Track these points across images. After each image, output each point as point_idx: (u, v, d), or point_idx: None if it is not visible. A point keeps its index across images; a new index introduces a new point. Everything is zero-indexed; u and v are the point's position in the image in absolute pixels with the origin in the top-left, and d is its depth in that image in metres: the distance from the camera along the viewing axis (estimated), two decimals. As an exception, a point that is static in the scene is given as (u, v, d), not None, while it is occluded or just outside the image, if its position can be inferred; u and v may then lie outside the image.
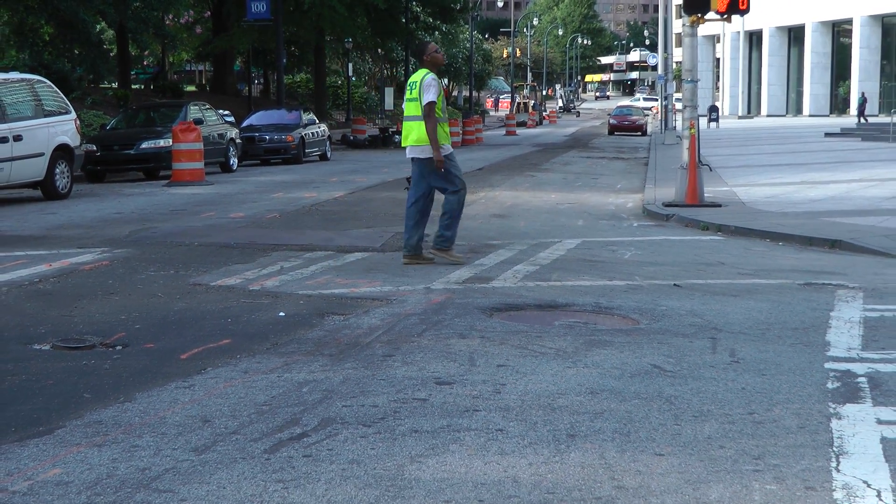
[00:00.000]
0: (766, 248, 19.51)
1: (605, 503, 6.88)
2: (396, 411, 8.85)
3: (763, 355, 11.00)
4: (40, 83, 29.13)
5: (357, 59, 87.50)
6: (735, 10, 26.05)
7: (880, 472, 7.53)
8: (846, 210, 24.46)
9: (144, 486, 7.11)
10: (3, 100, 26.44)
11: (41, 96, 28.17)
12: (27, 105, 27.41)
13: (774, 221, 22.15)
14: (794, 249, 19.34)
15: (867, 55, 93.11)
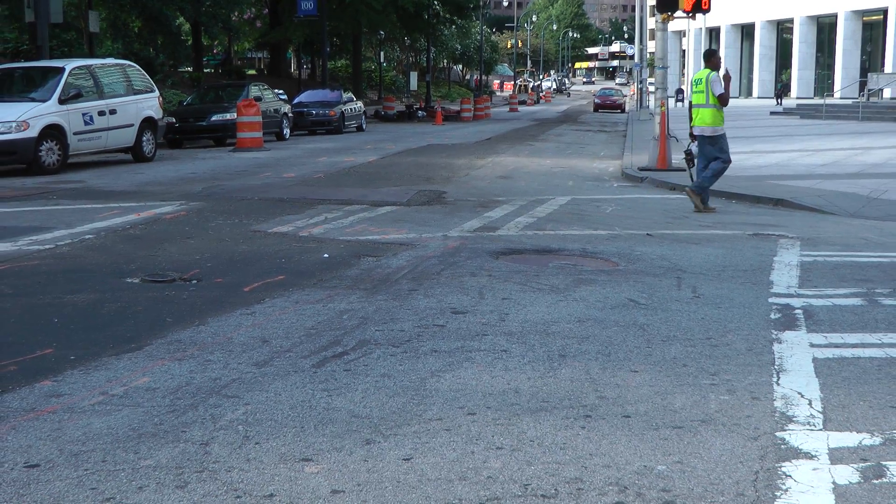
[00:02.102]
0: (722, 204, 19.47)
1: (590, 410, 6.92)
2: (419, 335, 8.91)
3: (719, 291, 11.01)
4: (130, 67, 29.17)
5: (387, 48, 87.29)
6: (698, 10, 26.06)
7: (812, 385, 7.59)
8: (787, 174, 24.42)
9: (216, 393, 7.18)
10: (101, 80, 26.53)
11: (131, 78, 28.20)
12: (120, 85, 27.44)
13: (729, 183, 22.07)
14: (745, 206, 19.34)
15: (805, 48, 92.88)
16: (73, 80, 25.37)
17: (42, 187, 21.12)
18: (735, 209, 18.81)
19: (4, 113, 23.70)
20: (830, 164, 27.33)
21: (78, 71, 26.00)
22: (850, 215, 17.74)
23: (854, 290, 11.23)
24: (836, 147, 32.85)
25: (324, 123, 43.80)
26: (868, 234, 15.53)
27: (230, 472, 5.73)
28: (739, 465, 5.98)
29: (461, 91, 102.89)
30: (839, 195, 20.10)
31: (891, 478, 5.85)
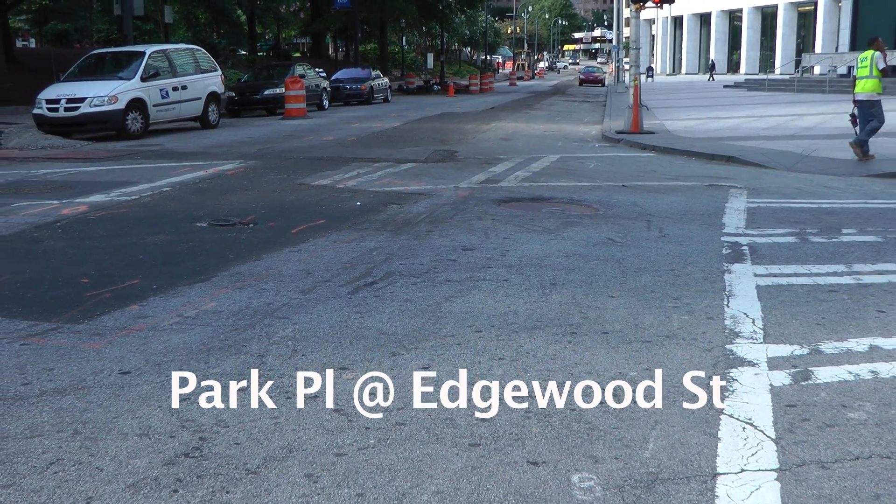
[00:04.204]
0: (684, 161, 19.39)
1: (576, 327, 6.92)
2: (435, 267, 8.89)
3: (681, 232, 10.97)
4: (198, 50, 29.09)
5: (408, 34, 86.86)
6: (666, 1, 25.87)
7: (755, 307, 7.58)
8: (737, 136, 24.26)
9: (269, 314, 7.19)
10: (174, 62, 26.53)
11: (199, 59, 28.15)
12: (190, 65, 27.38)
13: (689, 143, 21.98)
14: (702, 162, 19.21)
15: (751, 34, 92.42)
16: (152, 61, 25.45)
17: (128, 149, 21.13)
18: (694, 164, 18.71)
19: (98, 89, 23.86)
20: (772, 127, 27.16)
21: (156, 54, 26.06)
22: (787, 169, 17.65)
23: (789, 230, 11.19)
24: (776, 114, 32.64)
25: (356, 96, 43.63)
26: (801, 185, 15.46)
27: (282, 378, 5.76)
28: (696, 371, 5.99)
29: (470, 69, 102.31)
30: (778, 153, 19.99)
31: (815, 380, 5.88)
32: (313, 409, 5.28)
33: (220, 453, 4.70)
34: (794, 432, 5.08)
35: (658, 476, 4.51)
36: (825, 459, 4.76)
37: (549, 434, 4.98)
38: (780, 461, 4.72)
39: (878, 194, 14.49)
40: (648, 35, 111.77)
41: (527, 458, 4.68)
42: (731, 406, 5.41)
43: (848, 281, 8.59)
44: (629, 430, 5.04)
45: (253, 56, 61.16)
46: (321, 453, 4.71)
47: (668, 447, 4.84)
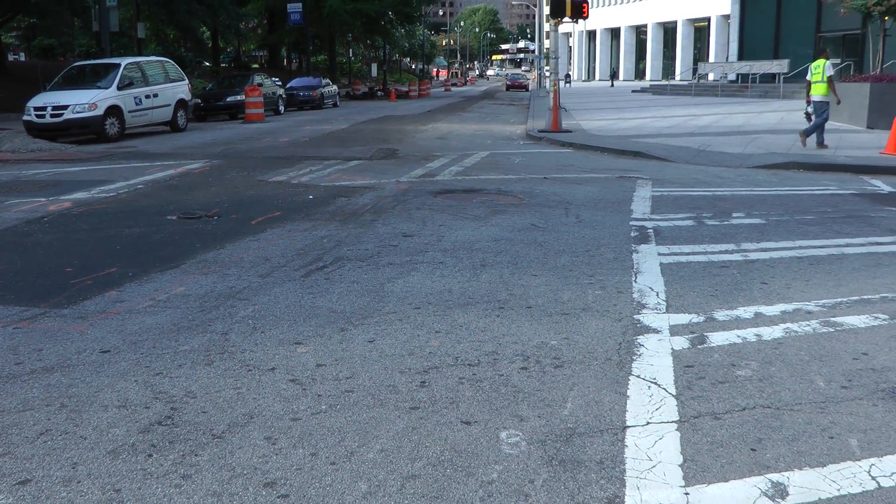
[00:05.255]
0: (598, 156, 19.48)
1: (503, 303, 6.93)
2: (379, 252, 8.85)
3: (595, 217, 11.02)
4: (167, 62, 28.66)
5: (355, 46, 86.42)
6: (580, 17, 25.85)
7: (659, 282, 7.65)
8: (643, 134, 24.44)
9: (232, 297, 7.12)
10: (146, 72, 26.16)
11: (168, 70, 27.75)
12: (160, 75, 26.99)
13: (602, 141, 22.08)
14: (613, 157, 19.33)
15: (655, 46, 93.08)
16: (127, 72, 25.11)
17: (107, 151, 20.79)
18: (606, 158, 18.81)
19: (80, 98, 23.54)
20: (673, 126, 27.37)
21: (130, 66, 25.72)
22: (686, 162, 17.80)
23: (688, 214, 11.28)
24: (676, 115, 32.91)
25: (308, 102, 43.24)
26: (698, 176, 15.59)
27: (243, 353, 5.71)
28: (608, 338, 6.03)
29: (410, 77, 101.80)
30: (679, 148, 20.15)
31: (709, 344, 5.95)
32: (271, 379, 5.24)
33: (190, 421, 4.65)
34: (692, 389, 5.13)
35: (575, 430, 4.53)
36: (717, 411, 4.82)
37: (480, 397, 4.98)
38: (679, 414, 4.77)
39: (763, 183, 14.68)
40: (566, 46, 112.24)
41: (461, 419, 4.67)
42: (639, 368, 5.45)
43: (737, 258, 8.69)
44: (550, 392, 5.06)
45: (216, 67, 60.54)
46: (279, 419, 4.68)
47: (584, 405, 4.86)
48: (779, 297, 7.25)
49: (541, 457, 4.24)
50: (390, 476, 4.04)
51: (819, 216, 11.30)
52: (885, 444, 4.49)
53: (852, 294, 7.39)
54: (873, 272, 8.21)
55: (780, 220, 10.97)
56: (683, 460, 4.23)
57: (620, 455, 4.26)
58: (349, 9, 60.18)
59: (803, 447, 4.41)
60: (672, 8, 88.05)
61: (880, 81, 25.28)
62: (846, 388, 5.22)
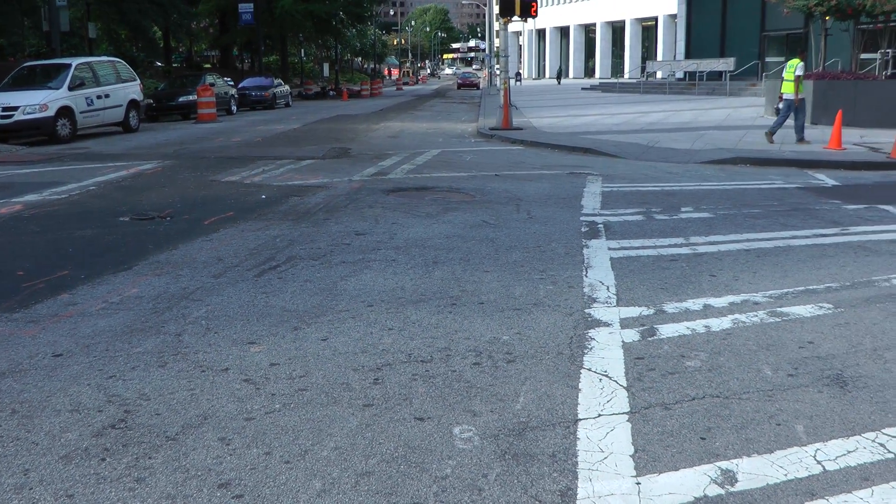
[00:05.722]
0: (548, 153, 19.55)
1: (456, 299, 6.92)
2: (332, 251, 8.80)
3: (546, 213, 11.06)
4: (119, 62, 28.30)
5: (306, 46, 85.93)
6: (529, 16, 25.97)
7: (609, 276, 7.69)
8: (593, 131, 24.58)
9: (185, 297, 7.04)
10: (98, 73, 25.83)
11: (119, 70, 27.40)
12: (111, 76, 26.65)
13: (552, 138, 22.17)
14: (564, 153, 19.41)
15: (604, 44, 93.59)
16: (78, 73, 24.77)
17: (59, 153, 20.49)
18: (556, 155, 18.88)
19: (30, 98, 23.19)
20: (622, 123, 27.55)
21: (81, 66, 25.37)
22: (636, 158, 17.92)
23: (638, 209, 11.36)
24: (625, 112, 33.14)
25: (261, 101, 42.93)
26: (647, 171, 15.71)
27: (197, 353, 5.65)
28: (560, 332, 6.04)
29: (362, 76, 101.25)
30: (628, 145, 20.29)
31: (659, 336, 5.99)
32: (225, 380, 5.19)
33: (143, 423, 4.59)
34: (642, 380, 5.16)
35: (528, 424, 4.54)
36: (667, 402, 4.85)
37: (433, 393, 4.96)
38: (630, 405, 4.79)
39: (710, 177, 14.82)
40: (517, 45, 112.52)
41: (414, 415, 4.66)
42: (590, 361, 5.47)
43: (686, 251, 8.77)
44: (503, 387, 5.06)
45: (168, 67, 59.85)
46: (232, 419, 4.63)
47: (537, 399, 4.87)
48: (727, 288, 7.32)
49: (494, 451, 4.23)
50: (344, 473, 4.02)
51: (765, 210, 11.44)
52: (829, 428, 4.55)
53: (798, 285, 7.48)
54: (818, 263, 8.32)
55: (727, 213, 11.08)
56: (635, 451, 4.25)
57: (573, 447, 4.27)
58: (300, 10, 59.92)
59: (751, 434, 4.45)
60: (620, 7, 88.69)
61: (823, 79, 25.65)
62: (792, 376, 5.29)
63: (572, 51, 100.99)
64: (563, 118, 30.52)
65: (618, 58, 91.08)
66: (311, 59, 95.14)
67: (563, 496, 3.82)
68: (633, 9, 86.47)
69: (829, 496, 3.86)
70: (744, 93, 41.94)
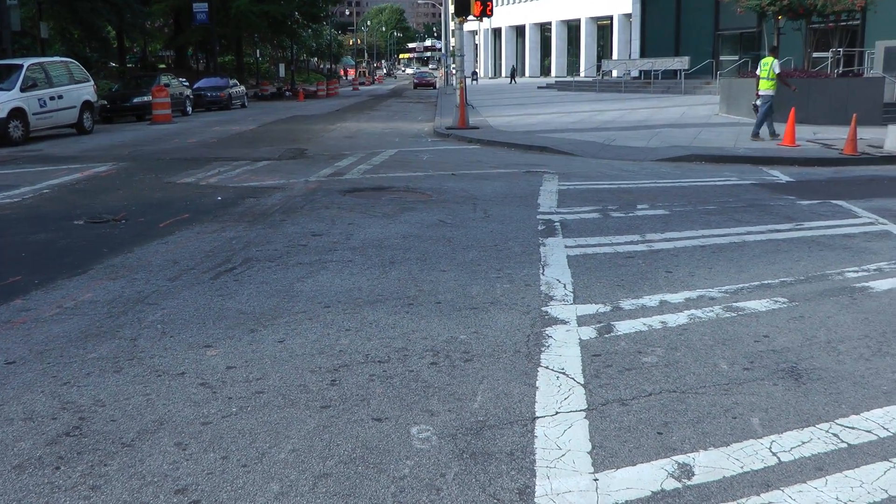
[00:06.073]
0: (505, 152, 19.59)
1: (413, 299, 6.91)
2: (288, 252, 8.75)
3: (503, 212, 11.07)
4: (72, 63, 27.89)
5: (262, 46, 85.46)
6: (485, 15, 26.02)
7: (566, 273, 7.72)
8: (549, 129, 24.66)
9: (140, 301, 6.96)
10: (50, 74, 25.44)
11: (73, 71, 27.01)
12: (64, 76, 26.28)
13: (509, 136, 22.22)
14: (520, 152, 19.45)
15: (560, 43, 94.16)
16: (30, 73, 24.36)
17: (11, 155, 20.17)
18: (513, 154, 18.92)
19: (-20, 100, 22.78)
20: (578, 121, 27.69)
21: (33, 67, 24.97)
22: (592, 156, 18.02)
23: (594, 207, 11.42)
24: (581, 110, 33.30)
25: (216, 102, 42.57)
26: (603, 169, 15.80)
27: (152, 358, 5.59)
28: (517, 331, 6.06)
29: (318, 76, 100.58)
30: (584, 143, 20.39)
31: (616, 333, 6.03)
32: (181, 384, 5.14)
33: (98, 430, 4.53)
34: (599, 377, 5.18)
35: (486, 423, 4.54)
36: (625, 397, 4.88)
37: (390, 393, 4.95)
38: (587, 402, 4.81)
39: (666, 175, 14.94)
40: (473, 44, 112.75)
41: (372, 416, 4.64)
42: (547, 359, 5.49)
43: (642, 248, 8.82)
44: (460, 386, 5.06)
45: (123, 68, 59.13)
46: (189, 423, 4.59)
47: (494, 398, 4.88)
48: (683, 284, 7.38)
49: (452, 450, 4.23)
50: (302, 476, 4.00)
51: (720, 206, 11.55)
52: (784, 421, 4.61)
53: (753, 279, 7.57)
54: (773, 258, 8.42)
55: (683, 210, 11.18)
56: (592, 447, 4.27)
57: (530, 445, 4.28)
58: (256, 9, 59.61)
59: (708, 428, 4.49)
60: (575, 6, 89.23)
61: (776, 77, 25.92)
62: (748, 370, 5.34)
63: (528, 49, 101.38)
64: (520, 117, 30.60)
65: (573, 56, 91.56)
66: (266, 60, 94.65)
67: (522, 494, 3.83)
68: (588, 8, 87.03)
69: (784, 487, 3.91)
70: (698, 91, 42.32)
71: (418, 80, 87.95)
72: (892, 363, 5.55)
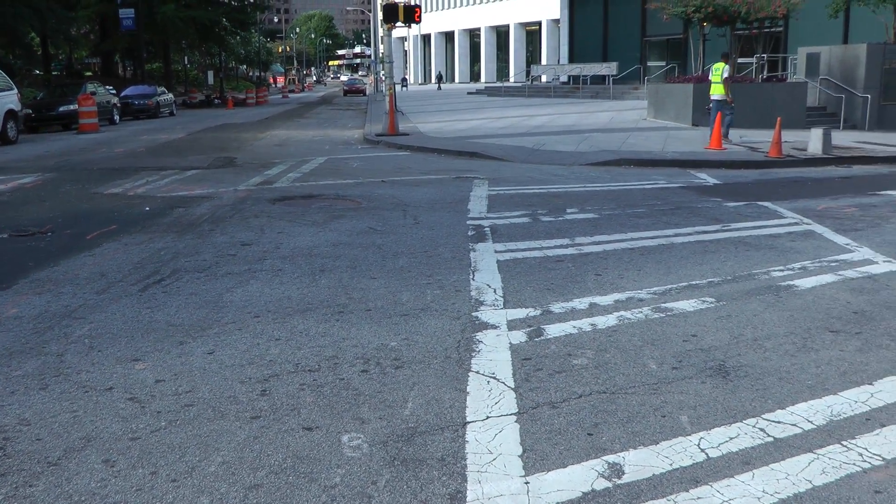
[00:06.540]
0: (435, 158, 19.61)
1: (343, 307, 6.89)
2: (217, 262, 8.66)
3: (433, 218, 11.09)
4: (-7, 71, 27.46)
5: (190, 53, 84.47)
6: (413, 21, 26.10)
7: (496, 278, 7.77)
8: (479, 135, 24.75)
9: (67, 316, 6.83)
10: (-32, 82, 25.01)
11: (-6, 79, 26.58)
12: (-15, 85, 25.84)
13: (439, 142, 22.25)
14: (450, 158, 19.49)
15: (489, 48, 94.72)
16: (-50, 82, 23.86)
17: (-71, 173, 19.73)
18: (443, 160, 18.95)
19: None
20: (507, 126, 27.84)
21: (-48, 74, 24.45)
22: (522, 161, 18.13)
23: (524, 212, 11.49)
24: (511, 115, 33.49)
25: (144, 110, 42.01)
26: (533, 174, 15.91)
27: (79, 374, 5.50)
28: (447, 336, 6.08)
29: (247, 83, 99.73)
30: (514, 148, 20.51)
31: (546, 336, 6.08)
32: (109, 399, 5.06)
33: (23, 450, 4.44)
34: (530, 381, 5.22)
35: (417, 430, 4.55)
36: (555, 400, 4.93)
37: (321, 402, 4.94)
38: (518, 406, 4.85)
39: (595, 179, 15.10)
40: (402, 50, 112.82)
41: (302, 425, 4.62)
42: (478, 364, 5.51)
43: (572, 252, 8.91)
44: (391, 393, 5.06)
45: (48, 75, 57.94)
46: (117, 439, 4.52)
47: (425, 404, 4.89)
48: (612, 286, 7.47)
49: (383, 458, 4.23)
50: (232, 488, 3.97)
51: (649, 209, 11.71)
52: (712, 417, 4.70)
53: (681, 280, 7.70)
54: (700, 259, 8.57)
55: (612, 213, 11.31)
56: (523, 451, 4.30)
57: (461, 451, 4.30)
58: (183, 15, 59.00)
59: (637, 427, 4.56)
60: (504, 12, 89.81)
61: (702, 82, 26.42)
62: (677, 369, 5.43)
63: (458, 55, 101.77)
64: (450, 122, 30.68)
65: (503, 62, 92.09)
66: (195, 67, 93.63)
67: (453, 499, 3.84)
68: (517, 13, 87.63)
69: (713, 482, 3.99)
70: (627, 96, 42.84)
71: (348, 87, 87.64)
72: (816, 358, 5.69)
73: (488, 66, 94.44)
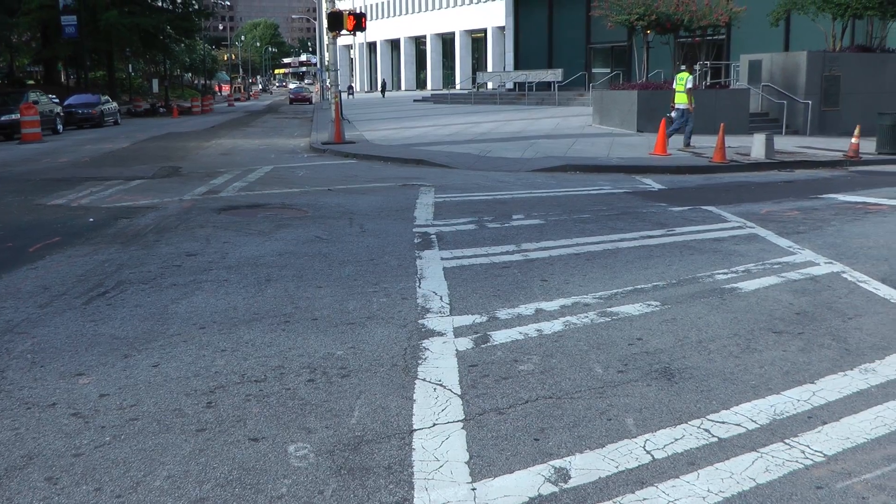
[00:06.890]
0: (381, 166, 19.60)
1: (289, 317, 6.87)
2: (162, 273, 8.57)
3: (379, 226, 11.09)
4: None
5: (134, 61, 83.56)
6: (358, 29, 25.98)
7: (442, 286, 7.80)
8: (425, 142, 24.80)
9: (9, 331, 6.72)
10: None
11: (-70, 93, 26.09)
12: (-79, 98, 25.32)
13: (385, 150, 22.26)
14: (397, 166, 19.50)
15: (435, 56, 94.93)
16: None
17: None
18: (390, 168, 18.96)
19: None
20: (454, 134, 27.92)
21: None
22: (468, 168, 18.20)
23: (470, 218, 11.54)
24: (457, 122, 33.59)
25: (88, 120, 41.40)
26: (479, 181, 15.97)
27: (21, 390, 5.41)
28: (394, 345, 6.08)
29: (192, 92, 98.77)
30: (460, 155, 20.58)
31: (493, 342, 6.11)
32: (52, 415, 4.99)
33: (-38, 467, 4.37)
34: (476, 387, 5.25)
35: (363, 438, 4.55)
36: (501, 406, 4.95)
37: (267, 413, 4.92)
38: (465, 412, 4.86)
39: (541, 185, 15.19)
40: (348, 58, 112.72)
41: (248, 436, 4.60)
42: (424, 371, 5.53)
43: (518, 258, 8.96)
44: (337, 402, 5.05)
45: (-12, 84, 57.33)
46: (60, 456, 4.46)
47: (372, 412, 4.89)
48: (558, 292, 7.53)
49: (329, 467, 4.23)
50: (178, 502, 3.93)
51: (595, 214, 11.82)
52: (658, 419, 4.76)
53: (627, 285, 7.78)
54: (645, 263, 8.67)
55: (558, 219, 11.40)
56: (470, 457, 4.32)
57: (408, 458, 4.31)
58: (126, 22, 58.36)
59: (583, 431, 4.60)
60: (450, 20, 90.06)
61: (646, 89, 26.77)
62: (622, 373, 5.49)
63: (403, 63, 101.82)
64: (396, 130, 30.68)
65: (449, 69, 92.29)
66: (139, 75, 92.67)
67: (400, 507, 3.85)
68: (462, 21, 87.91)
69: (658, 483, 4.05)
70: (572, 103, 43.17)
71: (294, 95, 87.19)
72: (759, 359, 5.78)
73: (434, 73, 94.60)
